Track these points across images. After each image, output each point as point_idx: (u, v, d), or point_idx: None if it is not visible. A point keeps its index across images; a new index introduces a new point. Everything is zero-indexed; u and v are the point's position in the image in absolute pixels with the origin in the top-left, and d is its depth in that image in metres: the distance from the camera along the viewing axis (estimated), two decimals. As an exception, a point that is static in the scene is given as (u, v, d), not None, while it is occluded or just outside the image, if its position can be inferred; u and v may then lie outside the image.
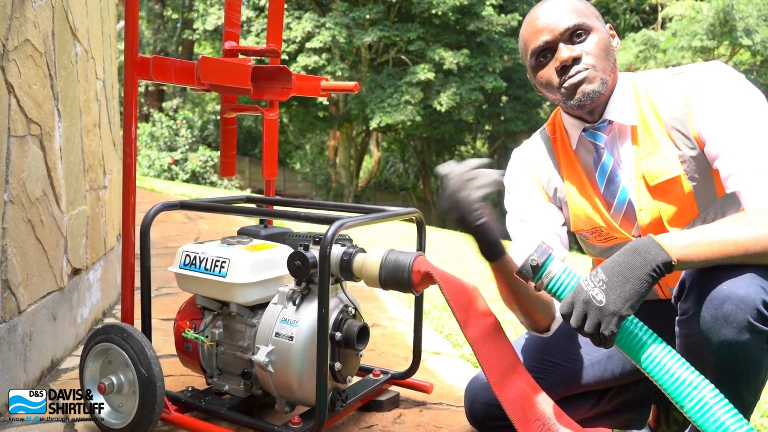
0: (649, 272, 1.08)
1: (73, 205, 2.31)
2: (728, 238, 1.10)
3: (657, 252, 1.09)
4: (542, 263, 1.18)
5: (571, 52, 1.35)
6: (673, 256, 1.08)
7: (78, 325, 2.37)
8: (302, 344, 1.52)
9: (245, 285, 1.62)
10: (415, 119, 15.51)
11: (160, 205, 1.74)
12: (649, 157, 1.39)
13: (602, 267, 1.13)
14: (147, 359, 1.54)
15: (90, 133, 2.58)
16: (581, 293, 1.12)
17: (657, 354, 1.10)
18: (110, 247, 2.96)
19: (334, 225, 1.43)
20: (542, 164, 1.59)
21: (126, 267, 1.70)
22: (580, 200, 1.51)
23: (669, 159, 1.36)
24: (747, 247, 1.10)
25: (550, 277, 1.18)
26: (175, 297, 3.07)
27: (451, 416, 1.86)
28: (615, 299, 1.09)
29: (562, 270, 1.18)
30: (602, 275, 1.11)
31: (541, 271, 1.18)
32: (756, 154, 1.23)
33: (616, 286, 1.09)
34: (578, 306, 1.11)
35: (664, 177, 1.37)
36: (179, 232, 5.17)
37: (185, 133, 15.58)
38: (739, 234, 1.10)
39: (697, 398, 1.06)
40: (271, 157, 1.95)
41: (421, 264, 1.45)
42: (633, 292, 1.09)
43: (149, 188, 9.12)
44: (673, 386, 1.08)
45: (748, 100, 1.29)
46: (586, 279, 1.13)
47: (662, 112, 1.38)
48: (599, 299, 1.09)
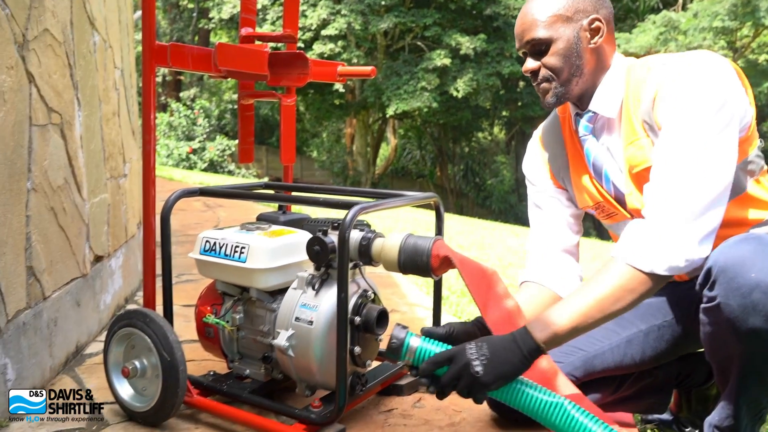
0: (521, 359, 1.24)
1: (95, 193, 2.34)
2: (586, 311, 1.24)
3: (528, 341, 1.25)
4: (401, 342, 1.33)
5: (532, 64, 1.46)
6: (539, 342, 1.24)
7: (101, 311, 2.41)
8: (322, 329, 1.53)
9: (265, 270, 1.63)
10: (431, 106, 15.44)
11: (180, 191, 1.75)
12: (630, 146, 1.41)
13: (490, 343, 1.26)
14: (169, 343, 1.56)
15: (109, 122, 2.60)
16: (463, 356, 1.25)
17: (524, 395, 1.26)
18: (131, 234, 2.99)
19: (352, 210, 1.43)
20: (550, 142, 1.64)
21: (147, 253, 1.72)
22: (581, 177, 1.55)
23: (645, 149, 1.38)
24: (606, 309, 1.24)
25: (414, 352, 1.33)
26: (195, 283, 3.10)
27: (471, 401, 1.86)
28: (490, 377, 1.23)
29: (423, 341, 1.34)
30: (486, 350, 1.25)
31: (404, 349, 1.34)
32: (672, 177, 1.26)
33: (495, 365, 1.24)
34: (456, 366, 1.25)
35: (642, 166, 1.39)
36: (198, 219, 5.21)
37: (203, 122, 15.66)
38: (595, 301, 1.24)
39: (566, 415, 1.21)
40: (288, 142, 1.95)
41: (440, 248, 1.45)
42: (506, 373, 1.24)
43: (168, 177, 9.20)
44: (544, 412, 1.23)
45: (701, 113, 1.26)
46: (471, 346, 1.26)
47: (642, 104, 1.39)
48: (477, 370, 1.24)
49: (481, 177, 21.09)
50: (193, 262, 1.79)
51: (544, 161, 1.66)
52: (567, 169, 1.59)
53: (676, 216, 1.24)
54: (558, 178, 1.63)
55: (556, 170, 1.63)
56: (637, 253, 1.25)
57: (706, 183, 1.24)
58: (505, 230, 8.88)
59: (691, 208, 1.24)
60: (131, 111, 3.17)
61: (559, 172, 1.62)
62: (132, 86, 3.31)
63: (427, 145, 22.42)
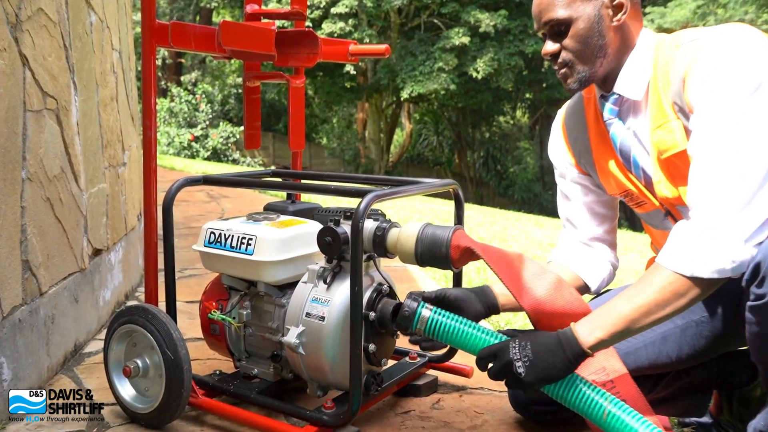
0: (565, 364, 1.28)
1: (92, 183, 2.36)
2: (632, 314, 1.26)
3: (574, 345, 1.27)
4: (413, 312, 1.42)
5: (551, 47, 1.45)
6: (585, 347, 1.27)
7: (100, 308, 2.43)
8: (334, 325, 1.54)
9: (273, 263, 1.63)
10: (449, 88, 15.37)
11: (183, 180, 1.76)
12: (659, 130, 1.40)
13: (533, 343, 1.30)
14: (173, 341, 1.58)
15: (107, 107, 2.62)
16: (506, 355, 1.30)
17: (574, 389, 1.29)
18: (131, 226, 3.02)
19: (366, 198, 1.43)
20: (573, 125, 1.63)
21: (149, 246, 1.73)
22: (607, 162, 1.54)
23: (675, 132, 1.36)
24: (653, 313, 1.26)
25: (425, 321, 1.41)
26: (199, 278, 3.13)
27: (493, 401, 1.86)
28: (532, 378, 1.28)
29: (435, 312, 1.41)
30: (530, 351, 1.29)
31: (416, 319, 1.42)
32: (709, 172, 1.25)
33: (538, 368, 1.28)
34: (499, 363, 1.32)
35: (672, 151, 1.37)
36: (201, 211, 5.24)
37: (205, 108, 15.71)
38: (641, 305, 1.26)
39: (611, 415, 1.25)
40: (297, 127, 1.96)
41: (460, 238, 1.45)
42: (549, 376, 1.28)
43: (169, 166, 9.25)
44: (591, 409, 1.27)
45: (735, 95, 1.24)
46: (515, 345, 1.31)
47: (671, 84, 1.37)
48: (520, 371, 1.29)
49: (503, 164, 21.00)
50: (196, 255, 1.80)
51: (566, 144, 1.66)
52: (589, 154, 1.59)
53: (716, 213, 1.23)
54: (581, 164, 1.63)
55: (578, 154, 1.63)
56: (680, 256, 1.25)
57: (745, 174, 1.22)
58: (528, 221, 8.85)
59: (732, 203, 1.22)
60: (130, 95, 3.19)
61: (581, 156, 1.62)
62: (131, 69, 3.33)
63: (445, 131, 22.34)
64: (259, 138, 2.06)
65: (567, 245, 1.69)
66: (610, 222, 1.67)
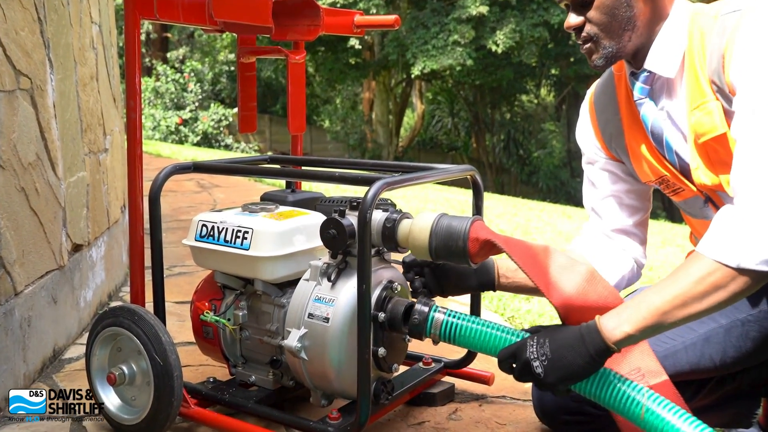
0: (588, 361, 1.27)
1: (71, 171, 2.37)
2: (664, 307, 1.24)
3: (597, 341, 1.26)
4: (425, 318, 1.47)
5: (574, 20, 1.46)
6: (610, 342, 1.25)
7: (81, 309, 2.45)
8: (340, 327, 1.54)
9: (272, 258, 1.64)
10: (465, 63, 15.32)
11: (171, 167, 1.77)
12: (696, 111, 1.40)
13: (552, 339, 1.30)
14: (162, 345, 1.59)
15: (87, 87, 2.63)
16: (524, 355, 1.31)
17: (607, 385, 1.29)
18: (114, 219, 3.04)
19: (374, 185, 1.43)
20: (603, 105, 1.63)
21: (134, 240, 1.74)
22: (639, 146, 1.55)
23: (713, 113, 1.36)
24: (690, 306, 1.24)
25: (439, 326, 1.46)
26: (189, 277, 3.14)
27: (516, 411, 1.87)
28: (553, 378, 1.28)
29: (449, 315, 1.46)
30: (548, 348, 1.29)
31: (428, 325, 1.47)
32: (756, 155, 1.24)
33: (557, 367, 1.28)
34: (519, 364, 1.33)
35: (711, 134, 1.37)
36: (191, 202, 5.27)
37: (194, 87, 15.74)
38: (675, 297, 1.24)
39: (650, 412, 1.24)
40: (297, 108, 1.96)
41: (479, 230, 1.45)
42: (571, 375, 1.28)
43: (155, 153, 9.30)
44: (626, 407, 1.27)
45: None
46: (533, 342, 1.31)
47: (709, 60, 1.37)
48: (538, 372, 1.29)
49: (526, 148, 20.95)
50: (187, 251, 1.81)
51: (594, 127, 1.66)
52: (621, 137, 1.59)
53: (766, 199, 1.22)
54: (611, 148, 1.63)
55: (608, 138, 1.63)
56: (723, 244, 1.24)
57: None
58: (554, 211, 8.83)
59: None
60: (111, 74, 3.20)
61: (611, 140, 1.62)
62: (112, 45, 3.34)
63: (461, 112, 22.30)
64: (255, 120, 2.06)
65: (588, 236, 1.70)
66: (640, 215, 1.67)
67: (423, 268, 1.72)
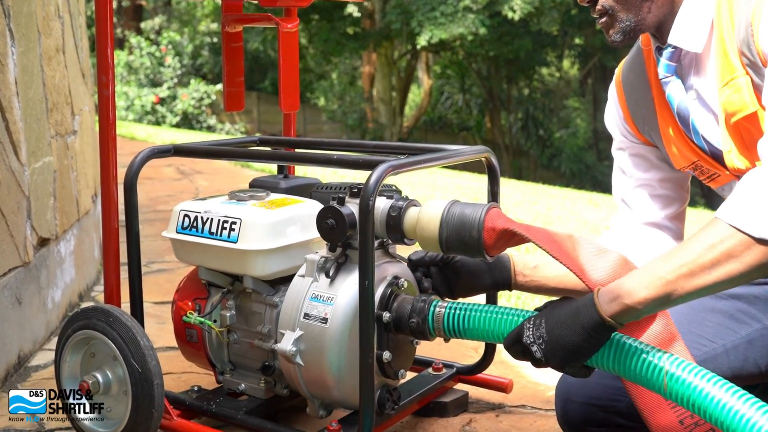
0: (583, 338, 1.26)
1: (36, 156, 2.38)
2: (669, 275, 1.22)
3: (591, 313, 1.25)
4: (425, 316, 1.50)
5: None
6: (605, 314, 1.24)
7: (49, 311, 2.46)
8: (340, 328, 1.55)
9: (263, 252, 1.65)
10: (478, 32, 15.30)
11: (148, 150, 1.77)
12: (726, 88, 1.39)
13: (548, 318, 1.31)
14: (140, 350, 1.59)
15: (52, 61, 2.63)
16: (522, 339, 1.33)
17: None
18: (84, 210, 3.04)
19: (378, 169, 1.43)
20: (633, 83, 1.63)
21: (108, 233, 1.75)
22: (668, 129, 1.54)
23: (743, 90, 1.36)
24: (699, 276, 1.21)
25: (441, 321, 1.49)
26: (170, 274, 3.15)
27: (538, 422, 1.87)
28: (556, 362, 1.29)
29: (451, 308, 1.48)
30: (544, 329, 1.30)
31: (430, 324, 1.50)
32: None
33: (555, 348, 1.28)
34: (521, 351, 1.34)
35: (742, 113, 1.37)
36: (171, 191, 5.28)
37: (172, 62, 15.73)
38: (682, 265, 1.21)
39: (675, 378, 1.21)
40: (290, 82, 1.96)
41: (495, 218, 1.45)
42: (572, 356, 1.28)
43: (129, 136, 9.31)
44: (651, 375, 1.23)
45: None
46: (530, 324, 1.32)
47: (736, 28, 1.36)
48: (538, 356, 1.30)
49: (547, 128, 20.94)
50: (166, 246, 1.82)
51: (623, 109, 1.66)
52: (654, 119, 1.58)
53: None
54: (643, 132, 1.63)
55: (640, 120, 1.62)
56: (742, 209, 1.22)
57: None
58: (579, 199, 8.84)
59: None
60: (80, 46, 3.20)
61: (644, 122, 1.62)
62: (80, 13, 3.33)
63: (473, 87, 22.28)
64: (243, 97, 2.06)
65: (620, 229, 1.69)
66: (675, 207, 1.67)
67: (430, 267, 1.72)
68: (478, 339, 1.49)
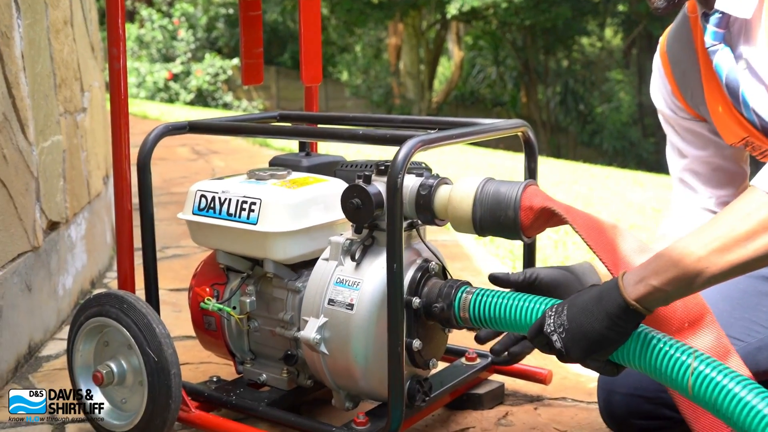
0: (607, 325, 1.22)
1: (44, 135, 2.40)
2: (699, 251, 1.17)
3: (614, 297, 1.22)
4: (450, 302, 1.50)
5: None
6: (630, 298, 1.20)
7: (60, 298, 2.50)
8: (367, 315, 1.55)
9: (284, 235, 1.65)
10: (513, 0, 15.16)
11: (162, 127, 1.78)
12: None
13: (570, 305, 1.28)
14: (156, 338, 1.61)
15: (60, 34, 2.65)
16: (543, 329, 1.30)
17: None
18: (96, 192, 3.07)
19: (406, 145, 1.43)
20: (678, 53, 1.62)
21: (121, 216, 1.76)
22: (717, 102, 1.53)
23: None
24: (734, 251, 1.16)
25: (467, 308, 1.47)
26: (186, 259, 3.18)
27: (579, 415, 1.87)
28: (578, 353, 1.27)
29: (478, 294, 1.47)
30: (565, 317, 1.28)
31: (456, 312, 1.49)
32: None
33: (575, 339, 1.26)
34: (543, 343, 1.32)
35: None
36: (185, 172, 5.31)
37: (185, 35, 15.78)
38: (714, 239, 1.17)
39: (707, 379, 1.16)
40: (312, 54, 1.96)
41: (533, 196, 1.44)
42: (594, 347, 1.25)
43: (141, 114, 9.37)
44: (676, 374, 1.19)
45: None
46: (552, 312, 1.30)
47: None
48: (558, 347, 1.28)
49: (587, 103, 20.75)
50: (182, 229, 1.84)
51: (670, 81, 1.65)
52: (701, 91, 1.57)
53: None
54: (692, 105, 1.62)
55: (688, 92, 1.61)
56: None
57: None
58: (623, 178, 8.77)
59: None
60: (88, 18, 3.22)
61: (693, 94, 1.60)
62: (88, -17, 3.35)
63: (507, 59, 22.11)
64: (261, 70, 2.07)
65: (684, 214, 1.68)
66: (740, 181, 1.65)
67: (524, 289, 1.57)
68: (506, 329, 1.46)
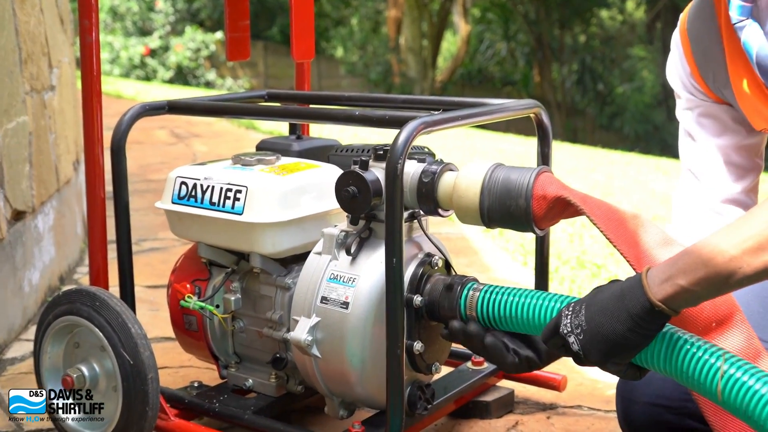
0: (629, 326, 1.21)
1: (8, 115, 2.39)
2: (731, 250, 1.16)
3: (638, 297, 1.21)
4: (458, 296, 1.49)
5: None
6: (654, 298, 1.19)
7: (26, 295, 2.49)
8: (363, 314, 1.55)
9: (273, 226, 1.65)
10: (525, -31, 15.14)
11: (139, 107, 1.78)
12: None
13: (588, 304, 1.27)
14: (131, 339, 1.61)
15: (26, 4, 2.64)
16: (559, 330, 1.29)
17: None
18: (65, 179, 3.07)
19: (407, 127, 1.43)
20: (699, 31, 1.62)
21: (93, 206, 1.76)
22: (742, 83, 1.52)
23: None
24: (763, 254, 1.15)
25: (475, 305, 1.46)
26: (164, 253, 3.17)
27: (596, 425, 1.88)
28: (595, 357, 1.26)
29: (487, 291, 1.46)
30: (583, 317, 1.27)
31: (462, 308, 1.48)
32: None
33: (596, 340, 1.25)
34: (559, 344, 1.31)
35: None
36: (164, 157, 5.30)
37: (164, 6, 15.74)
38: (747, 238, 1.16)
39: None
40: (304, 27, 1.96)
41: (546, 184, 1.44)
42: (615, 349, 1.24)
43: (114, 94, 9.35)
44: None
45: None
46: (568, 311, 1.29)
47: None
48: (575, 349, 1.27)
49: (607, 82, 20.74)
50: (160, 221, 1.84)
51: (689, 61, 1.65)
52: (726, 72, 1.56)
53: None
54: (714, 88, 1.62)
55: (710, 74, 1.61)
56: None
57: None
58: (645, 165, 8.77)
59: None
60: (57, -13, 3.21)
61: (715, 76, 1.60)
62: (56, -52, 3.33)
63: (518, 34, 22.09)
64: (248, 45, 2.06)
65: (691, 209, 1.66)
66: (751, 177, 1.65)
67: None
68: (517, 330, 1.45)
